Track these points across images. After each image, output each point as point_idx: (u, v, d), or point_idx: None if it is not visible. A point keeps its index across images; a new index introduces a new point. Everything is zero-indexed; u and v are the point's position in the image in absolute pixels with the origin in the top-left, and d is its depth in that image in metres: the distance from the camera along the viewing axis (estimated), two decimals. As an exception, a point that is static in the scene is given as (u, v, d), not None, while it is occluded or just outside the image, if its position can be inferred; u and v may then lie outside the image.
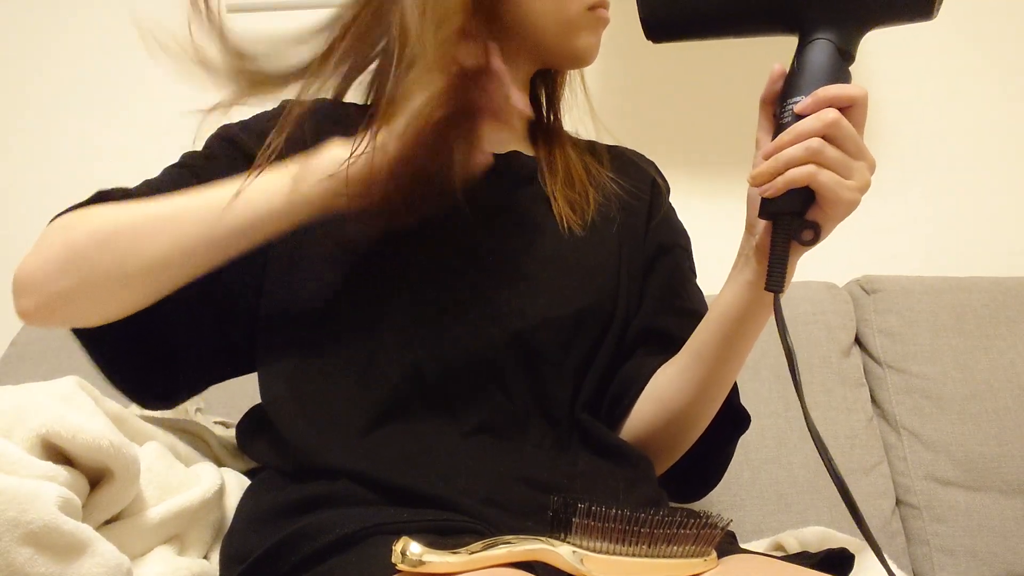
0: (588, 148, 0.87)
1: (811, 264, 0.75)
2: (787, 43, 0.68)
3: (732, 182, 1.22)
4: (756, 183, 0.65)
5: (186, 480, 0.67)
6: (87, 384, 0.63)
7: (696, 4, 0.69)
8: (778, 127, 0.65)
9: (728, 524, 0.58)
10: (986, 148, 1.46)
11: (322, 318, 0.71)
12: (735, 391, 0.81)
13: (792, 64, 0.66)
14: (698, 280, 0.88)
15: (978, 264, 1.40)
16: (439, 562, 0.52)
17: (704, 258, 0.91)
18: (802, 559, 0.67)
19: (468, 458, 0.67)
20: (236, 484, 0.74)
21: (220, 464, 0.77)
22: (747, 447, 1.13)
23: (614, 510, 0.53)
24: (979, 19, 1.46)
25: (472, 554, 0.52)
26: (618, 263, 0.80)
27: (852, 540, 0.76)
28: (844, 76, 0.64)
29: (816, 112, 0.62)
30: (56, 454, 0.56)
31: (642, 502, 0.69)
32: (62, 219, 0.68)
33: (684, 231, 0.89)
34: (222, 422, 0.91)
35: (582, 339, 0.75)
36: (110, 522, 0.60)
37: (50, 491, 0.51)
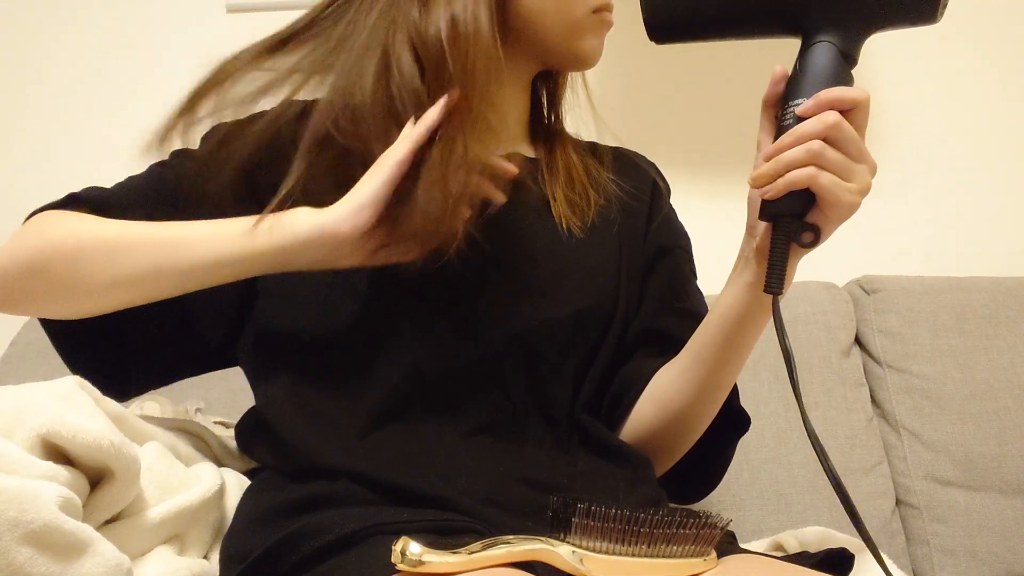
0: (590, 149, 0.87)
1: (811, 264, 0.75)
2: (789, 45, 0.68)
3: (732, 183, 1.22)
4: (757, 184, 0.65)
5: (186, 480, 0.67)
6: (87, 384, 0.63)
7: (699, 6, 0.69)
8: (779, 129, 0.65)
9: (728, 524, 0.58)
10: (986, 148, 1.46)
11: (321, 320, 0.71)
12: (735, 393, 0.81)
13: (794, 66, 0.66)
14: (698, 281, 0.88)
15: (978, 264, 1.40)
16: (439, 562, 0.52)
17: (704, 259, 0.91)
18: (802, 559, 0.67)
19: (468, 458, 0.67)
20: (236, 484, 0.74)
21: (220, 464, 0.77)
22: (747, 447, 1.13)
23: (614, 510, 0.53)
24: (979, 20, 1.46)
25: (472, 554, 0.52)
26: (618, 264, 0.80)
27: (852, 540, 0.76)
28: (846, 79, 0.64)
29: (818, 114, 0.62)
30: (56, 454, 0.56)
31: (642, 502, 0.69)
32: (38, 221, 0.69)
33: (684, 232, 0.89)
34: (222, 422, 0.91)
35: (582, 340, 0.75)
36: (110, 522, 0.60)
37: (50, 491, 0.51)
